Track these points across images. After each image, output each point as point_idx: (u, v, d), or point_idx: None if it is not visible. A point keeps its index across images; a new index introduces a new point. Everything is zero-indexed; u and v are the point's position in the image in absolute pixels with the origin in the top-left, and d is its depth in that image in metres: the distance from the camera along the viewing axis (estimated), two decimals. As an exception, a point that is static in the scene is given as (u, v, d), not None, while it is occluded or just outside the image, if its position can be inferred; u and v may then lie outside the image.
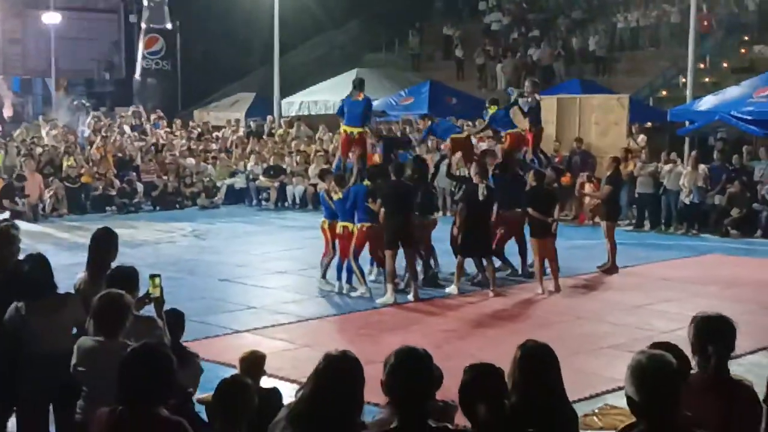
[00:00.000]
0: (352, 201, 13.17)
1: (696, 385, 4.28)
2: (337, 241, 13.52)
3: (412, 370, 3.85)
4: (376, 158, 14.98)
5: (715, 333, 4.43)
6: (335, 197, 13.38)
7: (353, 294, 13.33)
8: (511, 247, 14.80)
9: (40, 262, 6.40)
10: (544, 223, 13.49)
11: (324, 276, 13.75)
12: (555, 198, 14.16)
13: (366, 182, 13.38)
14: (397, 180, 13.21)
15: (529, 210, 13.50)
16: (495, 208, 13.57)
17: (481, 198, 13.23)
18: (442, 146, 18.19)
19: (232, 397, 4.82)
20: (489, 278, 13.55)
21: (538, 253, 13.56)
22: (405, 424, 3.77)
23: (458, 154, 16.11)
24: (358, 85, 14.59)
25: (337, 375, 3.94)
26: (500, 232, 14.30)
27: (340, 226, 13.37)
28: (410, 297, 13.03)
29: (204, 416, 5.80)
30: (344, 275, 13.52)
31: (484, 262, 13.71)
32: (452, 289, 13.50)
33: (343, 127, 14.74)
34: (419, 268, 13.90)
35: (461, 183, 14.77)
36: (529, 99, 15.91)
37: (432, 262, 14.39)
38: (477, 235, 13.33)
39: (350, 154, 14.46)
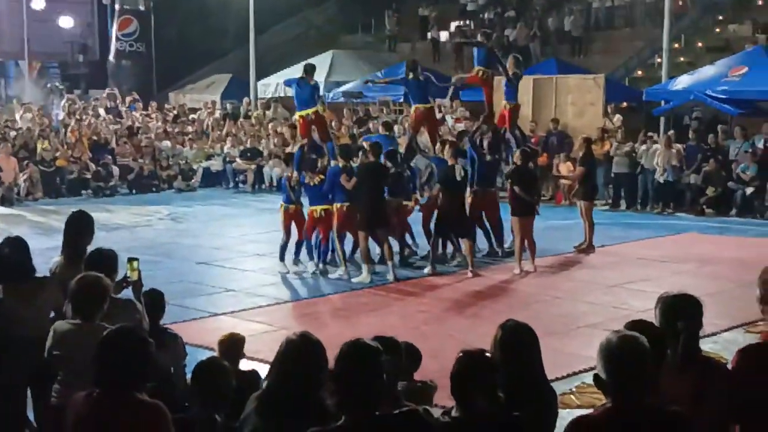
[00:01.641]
0: (329, 182, 13.18)
1: (667, 364, 4.30)
2: (301, 224, 13.55)
3: (360, 367, 3.75)
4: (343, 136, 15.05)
5: (682, 311, 4.43)
6: (313, 182, 13.35)
7: (331, 275, 13.33)
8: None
9: (18, 245, 6.36)
10: (527, 202, 13.54)
11: (282, 259, 13.68)
12: (537, 177, 14.21)
13: (340, 162, 13.35)
14: (374, 161, 13.25)
15: (515, 189, 13.52)
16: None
17: (458, 179, 13.26)
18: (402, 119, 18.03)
19: (210, 380, 4.81)
20: (467, 259, 13.60)
21: (519, 232, 13.61)
22: (350, 418, 3.70)
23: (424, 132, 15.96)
24: (310, 70, 14.80)
25: (299, 358, 3.94)
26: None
27: (319, 209, 13.34)
28: (389, 277, 13.06)
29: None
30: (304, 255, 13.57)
31: (462, 244, 13.77)
32: (428, 269, 13.54)
33: (297, 115, 14.86)
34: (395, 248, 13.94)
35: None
36: (511, 74, 15.76)
37: (410, 242, 14.45)
38: (453, 215, 13.39)
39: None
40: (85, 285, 5.39)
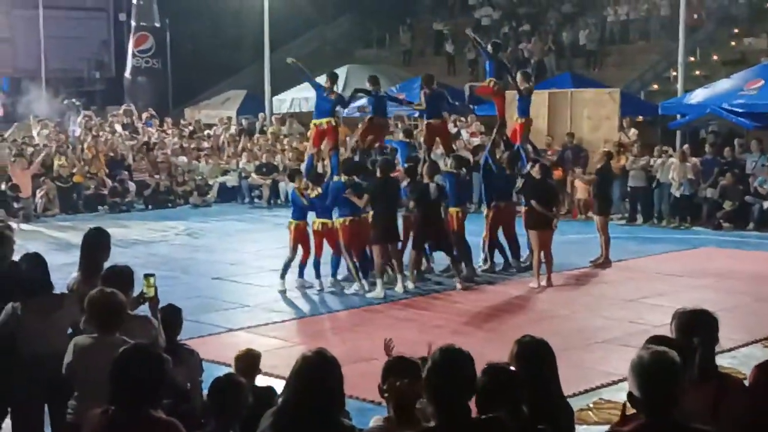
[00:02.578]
0: (332, 198, 13.20)
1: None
2: (307, 242, 13.52)
3: (457, 371, 3.79)
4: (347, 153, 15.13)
5: (698, 326, 4.43)
6: (313, 194, 13.37)
7: (347, 291, 13.33)
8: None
9: (36, 261, 6.40)
10: (546, 216, 13.54)
11: (283, 277, 13.59)
12: (557, 192, 14.22)
13: (342, 177, 13.38)
14: (386, 176, 13.28)
15: (533, 203, 13.52)
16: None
17: (432, 197, 13.33)
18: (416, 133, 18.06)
19: (226, 396, 4.81)
20: (455, 271, 13.64)
21: (538, 246, 13.59)
22: (446, 422, 3.74)
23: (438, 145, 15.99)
24: (333, 77, 15.01)
25: (314, 374, 3.93)
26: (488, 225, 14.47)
27: (318, 223, 13.39)
28: (397, 290, 13.08)
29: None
30: (326, 271, 13.54)
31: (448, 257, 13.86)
32: (409, 284, 13.44)
33: (312, 123, 14.96)
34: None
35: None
36: (523, 89, 15.75)
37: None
38: (429, 230, 13.49)
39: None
40: (101, 298, 5.41)
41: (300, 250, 13.59)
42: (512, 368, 4.29)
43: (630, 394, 3.69)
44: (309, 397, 3.90)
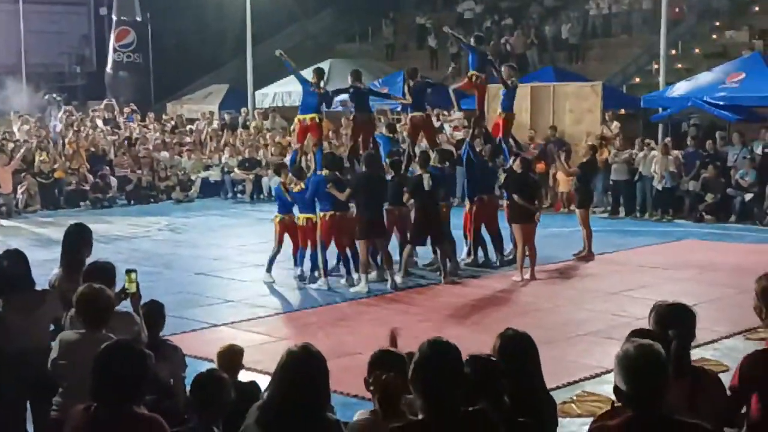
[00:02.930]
0: (312, 192, 13.18)
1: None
2: (295, 234, 13.57)
3: (445, 363, 3.79)
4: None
5: (675, 320, 4.46)
6: (295, 189, 13.38)
7: (312, 286, 13.34)
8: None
9: (17, 257, 6.35)
10: (528, 210, 13.56)
11: (269, 270, 13.66)
12: (539, 185, 14.24)
13: (324, 171, 13.35)
14: (370, 171, 13.27)
15: (515, 197, 13.55)
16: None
17: (426, 188, 13.29)
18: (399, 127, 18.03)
19: (208, 392, 4.79)
20: (441, 267, 13.62)
21: (521, 239, 13.62)
22: (435, 415, 3.74)
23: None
24: (319, 74, 15.05)
25: (300, 370, 3.92)
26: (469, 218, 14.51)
27: (302, 218, 13.41)
28: (388, 286, 13.07)
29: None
30: (308, 264, 13.59)
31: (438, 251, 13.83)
32: (398, 278, 13.46)
33: (297, 118, 15.06)
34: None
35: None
36: (509, 82, 15.80)
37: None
38: (425, 223, 13.44)
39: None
40: (89, 295, 5.39)
41: (289, 242, 13.65)
42: (494, 359, 4.30)
43: (616, 388, 3.69)
44: (294, 392, 3.89)
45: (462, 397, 3.93)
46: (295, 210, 13.72)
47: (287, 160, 16.71)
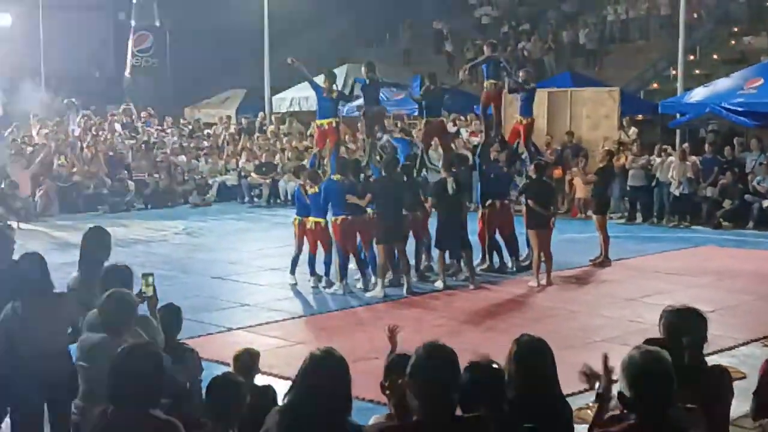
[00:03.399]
0: (323, 196, 13.18)
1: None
2: (305, 237, 13.58)
3: (441, 366, 3.79)
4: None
5: (686, 325, 4.44)
6: (311, 191, 13.40)
7: (328, 290, 13.38)
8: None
9: (36, 261, 6.39)
10: (543, 216, 13.54)
11: (293, 272, 13.77)
12: (554, 191, 14.24)
13: (336, 176, 13.33)
14: (388, 175, 13.29)
15: (530, 202, 13.55)
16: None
17: (450, 192, 13.27)
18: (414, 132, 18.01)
19: (224, 396, 4.81)
20: (468, 272, 13.59)
21: (537, 245, 13.59)
22: (429, 418, 3.74)
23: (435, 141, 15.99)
24: (329, 76, 15.20)
25: (323, 374, 3.92)
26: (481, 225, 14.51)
27: (311, 221, 13.38)
28: (404, 291, 13.07)
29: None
30: (321, 268, 13.59)
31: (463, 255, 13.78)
32: (439, 284, 13.52)
33: (315, 123, 15.21)
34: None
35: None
36: (526, 88, 15.87)
37: (423, 256, 14.46)
38: (449, 228, 13.38)
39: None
40: (115, 300, 5.41)
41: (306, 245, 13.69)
42: (494, 365, 4.30)
43: (620, 394, 3.68)
44: (316, 396, 3.88)
45: (458, 401, 3.96)
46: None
47: (306, 163, 16.75)
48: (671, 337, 4.43)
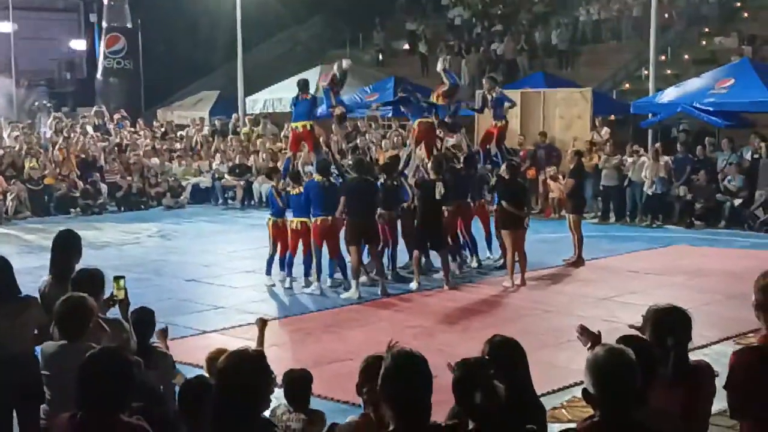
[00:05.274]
0: (304, 195, 13.28)
1: (658, 378, 4.30)
2: (285, 238, 13.68)
3: (411, 374, 3.78)
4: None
5: (671, 324, 4.46)
6: (294, 192, 13.46)
7: (306, 290, 13.43)
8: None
9: (1, 265, 6.31)
10: (517, 216, 13.58)
11: (269, 273, 13.82)
12: (527, 191, 14.30)
13: (316, 176, 13.42)
14: (360, 177, 13.29)
15: (503, 203, 13.58)
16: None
17: (438, 197, 13.33)
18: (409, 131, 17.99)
19: (197, 399, 4.78)
20: (444, 273, 13.64)
21: (511, 246, 13.63)
22: (403, 427, 3.74)
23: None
24: (303, 86, 15.34)
25: (235, 372, 3.97)
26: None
27: (296, 222, 13.48)
28: (379, 293, 13.06)
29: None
30: (300, 269, 13.69)
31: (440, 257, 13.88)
32: (413, 284, 13.53)
33: (291, 125, 15.38)
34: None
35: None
36: (493, 94, 16.05)
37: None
38: (431, 230, 13.49)
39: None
40: (69, 305, 5.36)
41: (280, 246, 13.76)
42: (484, 358, 4.33)
43: (585, 391, 3.70)
44: (228, 392, 3.96)
45: (458, 398, 3.99)
46: (288, 214, 13.76)
47: (280, 165, 16.76)
48: (656, 336, 4.44)
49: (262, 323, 6.48)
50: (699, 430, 4.39)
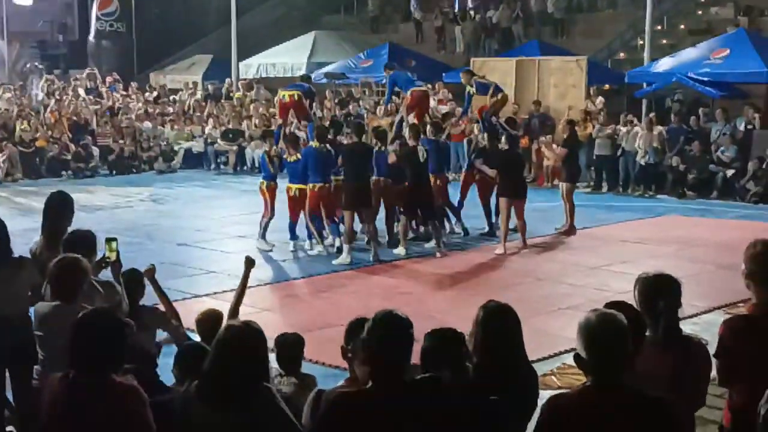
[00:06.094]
0: (303, 162, 13.36)
1: (648, 343, 4.32)
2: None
3: (392, 332, 3.84)
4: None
5: (661, 291, 4.47)
6: (291, 159, 13.53)
7: (310, 252, 13.54)
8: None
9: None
10: (516, 185, 13.78)
11: (263, 237, 13.91)
12: (523, 163, 14.44)
13: (315, 143, 13.48)
14: (357, 141, 13.31)
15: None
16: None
17: (421, 160, 13.32)
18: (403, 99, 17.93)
19: (193, 363, 4.79)
20: (435, 241, 13.65)
21: (506, 212, 13.75)
22: (379, 383, 3.79)
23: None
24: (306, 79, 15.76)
25: (235, 343, 4.02)
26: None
27: (294, 188, 13.56)
28: (371, 258, 13.09)
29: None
30: (304, 233, 13.83)
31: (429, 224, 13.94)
32: (400, 250, 13.54)
33: (279, 95, 15.49)
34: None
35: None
36: (471, 88, 16.15)
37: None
38: (419, 195, 13.45)
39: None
40: (63, 266, 5.36)
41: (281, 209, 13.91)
42: (455, 330, 4.38)
43: (577, 356, 3.71)
44: (229, 363, 3.99)
45: (424, 367, 4.04)
46: (282, 180, 13.86)
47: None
48: (647, 303, 4.45)
49: (249, 262, 6.52)
50: (689, 399, 4.40)
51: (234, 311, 6.41)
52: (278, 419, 4.03)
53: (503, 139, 14.12)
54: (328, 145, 13.48)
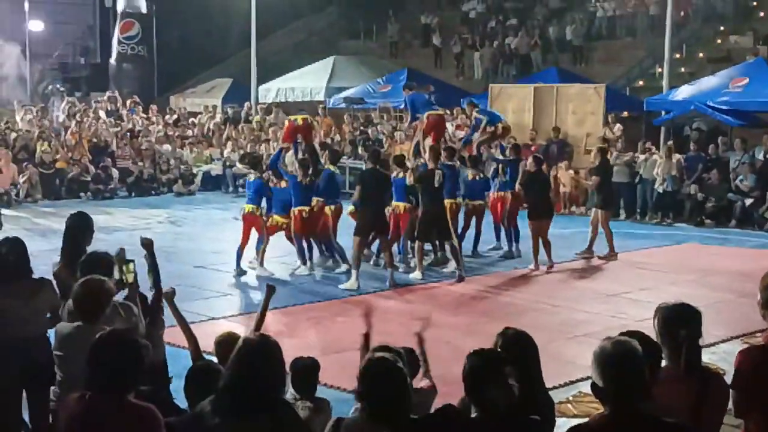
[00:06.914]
0: (322, 185, 13.84)
1: (668, 374, 4.29)
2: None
3: (388, 383, 3.94)
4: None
5: (683, 320, 4.44)
6: (305, 181, 13.76)
7: (297, 272, 13.88)
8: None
9: (16, 245, 6.34)
10: (542, 207, 14.22)
11: (261, 263, 13.97)
12: (550, 184, 15.57)
13: (330, 166, 13.92)
14: (373, 167, 13.31)
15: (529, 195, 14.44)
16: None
17: (437, 185, 13.33)
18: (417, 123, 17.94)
19: (204, 384, 4.80)
20: (456, 263, 13.65)
21: (534, 234, 14.18)
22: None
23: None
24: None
25: (253, 357, 4.03)
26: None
27: (305, 210, 13.77)
28: (387, 283, 13.06)
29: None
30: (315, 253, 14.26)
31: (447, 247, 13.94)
32: (416, 274, 13.53)
33: (287, 119, 15.83)
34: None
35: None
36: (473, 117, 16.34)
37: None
38: (433, 219, 13.42)
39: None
40: (88, 287, 5.38)
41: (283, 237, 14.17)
42: (497, 350, 4.36)
43: (593, 384, 3.69)
44: (247, 376, 4.00)
45: (468, 388, 4.04)
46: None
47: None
48: (668, 333, 4.41)
49: (271, 289, 6.52)
50: (706, 431, 4.37)
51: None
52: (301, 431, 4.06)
53: (529, 160, 14.49)
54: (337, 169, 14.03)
